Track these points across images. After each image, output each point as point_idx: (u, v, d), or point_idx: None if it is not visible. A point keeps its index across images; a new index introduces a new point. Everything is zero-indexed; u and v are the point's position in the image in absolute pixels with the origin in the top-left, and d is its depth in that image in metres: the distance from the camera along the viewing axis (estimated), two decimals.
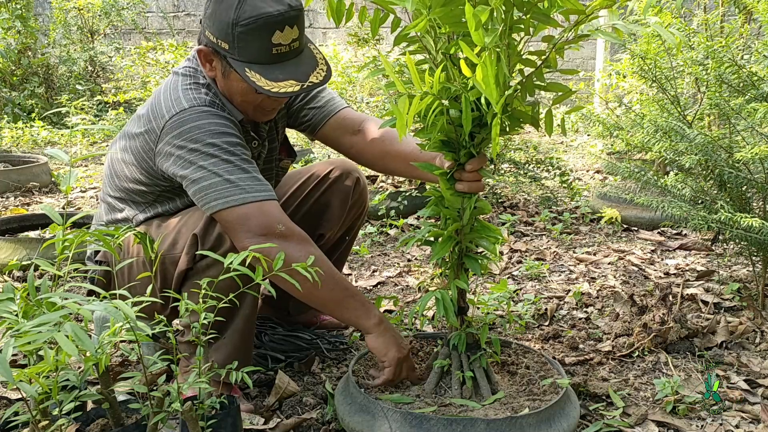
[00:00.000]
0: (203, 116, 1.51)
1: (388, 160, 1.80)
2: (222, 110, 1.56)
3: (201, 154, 1.48)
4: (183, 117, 1.50)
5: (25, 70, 7.04)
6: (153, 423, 1.12)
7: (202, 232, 1.53)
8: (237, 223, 1.47)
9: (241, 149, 1.51)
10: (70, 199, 4.04)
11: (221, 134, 1.50)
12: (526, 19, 1.17)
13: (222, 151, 1.48)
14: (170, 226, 1.60)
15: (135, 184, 1.64)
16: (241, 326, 1.58)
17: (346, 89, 4.71)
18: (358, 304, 1.57)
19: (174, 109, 1.52)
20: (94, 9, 7.44)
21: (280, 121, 1.82)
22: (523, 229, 3.33)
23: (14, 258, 2.54)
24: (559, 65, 1.27)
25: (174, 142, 1.50)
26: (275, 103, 1.61)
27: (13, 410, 1.07)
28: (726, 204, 1.95)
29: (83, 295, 0.99)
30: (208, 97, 1.56)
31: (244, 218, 1.46)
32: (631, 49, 2.55)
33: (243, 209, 1.46)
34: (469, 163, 1.37)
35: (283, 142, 1.89)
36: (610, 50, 6.37)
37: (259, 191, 1.48)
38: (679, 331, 1.91)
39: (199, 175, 1.48)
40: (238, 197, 1.46)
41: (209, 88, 1.59)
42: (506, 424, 1.33)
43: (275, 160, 1.83)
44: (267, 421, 1.56)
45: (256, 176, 1.51)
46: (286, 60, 1.50)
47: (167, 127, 1.51)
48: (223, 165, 1.47)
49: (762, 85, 2.01)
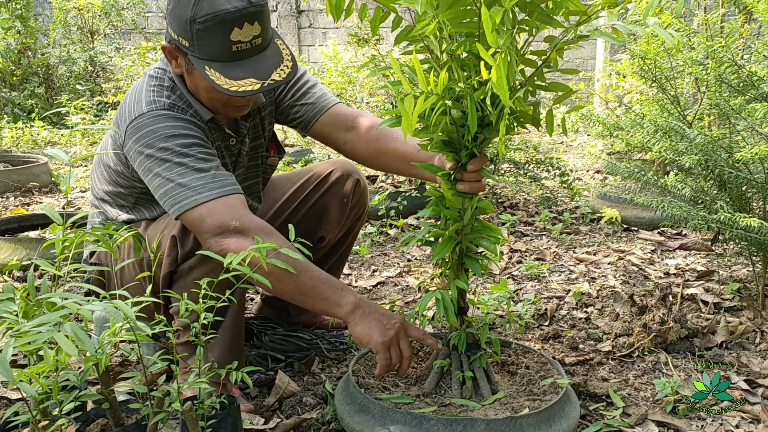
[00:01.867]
0: (159, 119, 1.50)
1: (382, 157, 1.79)
2: (184, 112, 1.55)
3: (155, 160, 1.47)
4: (141, 121, 1.50)
5: (25, 70, 7.04)
6: (153, 423, 1.12)
7: (180, 233, 1.52)
8: (195, 226, 1.46)
9: (197, 149, 1.49)
10: (70, 199, 4.04)
11: (175, 137, 1.48)
12: (530, 20, 1.17)
13: (174, 154, 1.47)
14: (158, 227, 1.60)
15: (114, 186, 1.66)
16: (230, 324, 1.58)
17: (346, 89, 4.71)
18: (329, 292, 1.47)
19: (134, 113, 1.52)
20: (94, 9, 7.45)
21: (266, 117, 1.79)
22: (523, 229, 3.33)
23: (14, 258, 2.54)
24: (559, 65, 1.28)
25: (134, 147, 1.51)
26: (243, 99, 1.58)
27: (13, 410, 1.07)
28: (726, 204, 1.95)
29: (82, 296, 0.99)
30: (169, 100, 1.55)
31: (199, 220, 1.44)
32: (631, 49, 2.55)
33: (196, 212, 1.44)
34: (471, 163, 1.37)
35: (272, 139, 1.86)
36: (610, 50, 6.37)
37: (212, 189, 1.45)
38: (679, 331, 1.91)
39: (156, 183, 1.48)
40: (190, 200, 1.44)
41: (173, 90, 1.58)
42: (506, 424, 1.33)
43: (261, 157, 1.81)
44: (267, 421, 1.56)
45: (214, 173, 1.47)
46: (248, 57, 1.47)
47: (128, 132, 1.52)
48: (176, 168, 1.46)
49: (762, 85, 2.01)
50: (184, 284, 1.53)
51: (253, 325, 2.04)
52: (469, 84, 1.23)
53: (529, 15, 1.17)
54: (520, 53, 1.25)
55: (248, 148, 1.75)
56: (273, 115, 1.83)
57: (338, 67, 5.47)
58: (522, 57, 1.26)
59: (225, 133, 1.67)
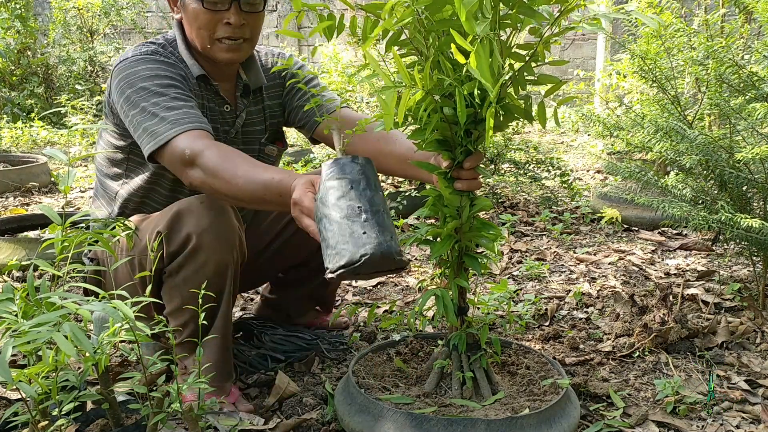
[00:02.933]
0: (140, 62, 1.60)
1: (382, 159, 1.79)
2: (167, 57, 1.65)
3: (131, 103, 1.56)
4: (123, 65, 1.61)
5: (25, 69, 7.04)
6: (153, 423, 1.12)
7: (166, 230, 1.52)
8: (170, 163, 1.52)
9: (173, 90, 1.57)
10: (69, 199, 4.04)
11: (152, 77, 1.57)
12: (512, 14, 1.18)
13: (151, 94, 1.55)
14: (151, 223, 1.60)
15: (111, 149, 1.72)
16: (220, 325, 1.57)
17: (346, 89, 4.71)
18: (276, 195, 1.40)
19: (119, 59, 1.65)
20: (94, 9, 7.45)
21: (269, 108, 1.85)
22: (523, 229, 3.33)
23: (14, 258, 2.54)
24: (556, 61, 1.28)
25: (115, 90, 1.60)
26: (229, 29, 1.62)
27: (13, 410, 1.07)
28: (726, 204, 1.94)
29: (82, 296, 0.99)
30: (151, 48, 1.67)
31: (171, 156, 1.50)
32: (631, 49, 2.55)
33: (167, 149, 1.50)
34: (467, 160, 1.37)
35: (277, 134, 1.90)
36: (610, 50, 6.37)
37: (181, 124, 1.50)
38: (680, 331, 1.90)
39: (134, 125, 1.56)
40: (161, 137, 1.50)
41: (163, 47, 1.69)
42: (506, 425, 1.32)
43: (258, 142, 1.84)
44: (267, 421, 1.56)
45: (186, 110, 1.54)
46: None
47: (113, 76, 1.63)
48: (151, 109, 1.53)
49: (762, 85, 2.01)
50: (173, 284, 1.53)
51: (253, 326, 2.03)
52: (457, 78, 1.23)
53: (512, 8, 1.17)
54: (506, 46, 1.25)
55: (245, 128, 1.79)
56: (279, 110, 1.88)
57: (338, 67, 5.47)
58: (509, 50, 1.26)
59: (219, 97, 1.73)
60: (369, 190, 1.28)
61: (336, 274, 1.22)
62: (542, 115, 1.33)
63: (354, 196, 1.25)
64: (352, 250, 1.20)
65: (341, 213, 1.23)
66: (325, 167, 1.29)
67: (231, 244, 1.53)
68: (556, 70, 7.60)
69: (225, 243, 1.52)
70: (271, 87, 1.85)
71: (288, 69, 1.77)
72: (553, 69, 7.26)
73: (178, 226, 1.51)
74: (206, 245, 1.49)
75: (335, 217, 1.23)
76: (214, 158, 1.44)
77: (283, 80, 1.86)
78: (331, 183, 1.25)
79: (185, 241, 1.50)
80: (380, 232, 1.23)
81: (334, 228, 1.23)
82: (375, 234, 1.22)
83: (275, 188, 1.39)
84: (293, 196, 1.33)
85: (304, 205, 1.31)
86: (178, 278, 1.53)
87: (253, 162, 1.47)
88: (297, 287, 2.05)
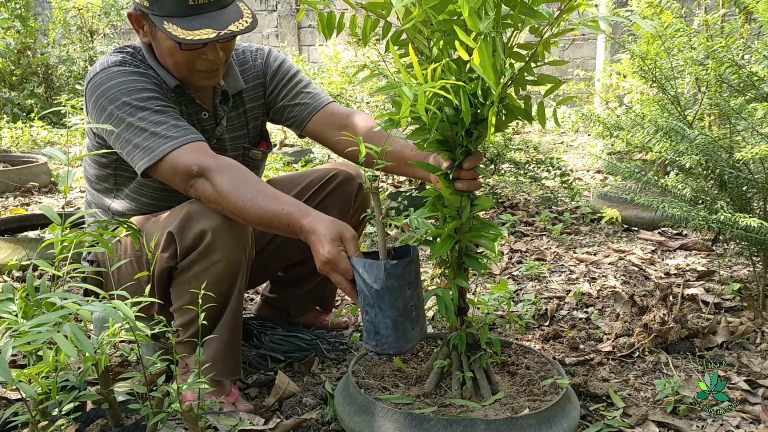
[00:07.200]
0: (113, 76, 1.55)
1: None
2: (136, 66, 1.59)
3: (115, 120, 1.52)
4: (94, 82, 1.56)
5: (25, 69, 7.04)
6: (153, 423, 1.11)
7: (178, 229, 1.52)
8: (166, 178, 1.52)
9: (153, 102, 1.54)
10: (69, 199, 4.04)
11: (130, 91, 1.53)
12: (513, 14, 1.18)
13: (133, 108, 1.52)
14: (158, 223, 1.60)
15: (97, 167, 1.69)
16: (229, 320, 1.57)
17: (346, 89, 4.71)
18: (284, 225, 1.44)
19: (89, 76, 1.60)
20: (94, 9, 7.45)
21: (252, 111, 1.82)
22: (523, 229, 3.33)
23: (14, 258, 2.54)
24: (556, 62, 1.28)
25: (93, 110, 1.56)
26: (208, 63, 1.59)
27: (13, 410, 1.07)
28: (726, 204, 1.94)
29: (82, 296, 0.99)
30: (119, 57, 1.61)
31: (170, 171, 1.49)
32: (631, 50, 2.55)
33: (161, 166, 1.49)
34: (467, 161, 1.37)
35: (261, 135, 1.89)
36: (610, 50, 6.37)
37: (164, 143, 1.49)
38: (680, 331, 1.90)
39: (119, 144, 1.54)
40: (152, 155, 1.49)
41: (133, 55, 1.63)
42: (506, 425, 1.32)
43: (242, 148, 1.83)
44: (267, 421, 1.56)
45: (172, 123, 1.52)
46: (205, 12, 1.52)
47: (87, 95, 1.59)
48: (138, 123, 1.51)
49: (762, 85, 2.01)
50: (185, 279, 1.53)
51: (253, 326, 2.03)
52: (461, 77, 1.23)
53: (513, 8, 1.17)
54: (507, 46, 1.25)
55: (227, 134, 1.77)
56: (261, 111, 1.85)
57: (338, 67, 5.47)
58: (510, 50, 1.26)
59: (196, 105, 1.69)
60: (418, 285, 1.38)
61: (380, 357, 1.40)
62: (542, 115, 1.33)
63: (409, 296, 1.35)
64: (402, 345, 1.35)
65: (397, 312, 1.33)
66: (387, 265, 1.32)
67: (244, 242, 1.54)
68: (556, 70, 7.61)
69: (238, 241, 1.52)
70: (252, 89, 1.81)
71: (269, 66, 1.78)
72: (553, 69, 7.27)
73: (191, 224, 1.51)
74: (220, 242, 1.50)
75: (390, 314, 1.33)
76: (226, 180, 1.46)
77: (263, 80, 1.82)
78: (391, 283, 1.32)
79: (200, 237, 1.50)
80: (423, 324, 1.41)
81: (387, 322, 1.33)
82: (420, 327, 1.39)
83: (284, 220, 1.44)
84: (323, 253, 1.37)
85: (339, 267, 1.37)
86: (189, 274, 1.53)
87: (264, 189, 1.49)
88: (297, 286, 2.05)
